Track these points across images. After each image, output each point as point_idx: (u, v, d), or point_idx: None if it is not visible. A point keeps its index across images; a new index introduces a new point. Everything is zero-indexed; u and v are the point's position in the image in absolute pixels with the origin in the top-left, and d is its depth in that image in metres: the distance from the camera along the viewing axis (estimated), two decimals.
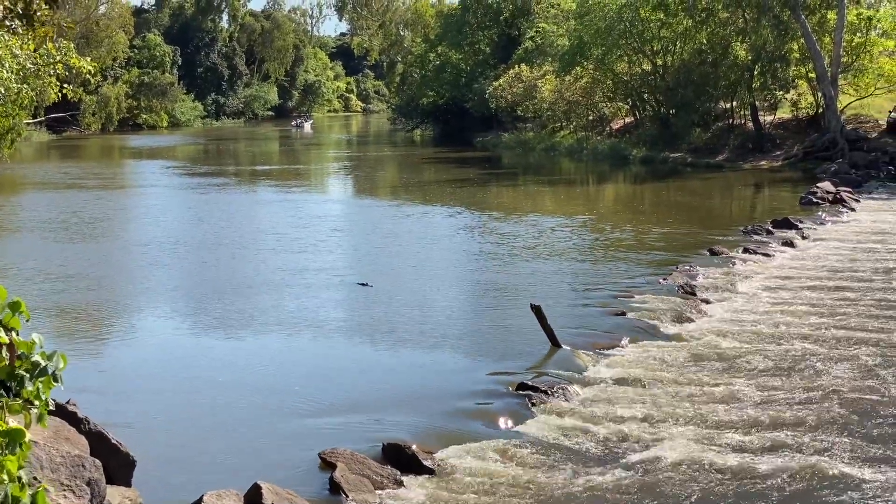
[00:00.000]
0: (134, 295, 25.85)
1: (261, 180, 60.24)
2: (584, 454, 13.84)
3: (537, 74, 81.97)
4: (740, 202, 50.08)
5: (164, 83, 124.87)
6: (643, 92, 72.58)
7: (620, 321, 21.28)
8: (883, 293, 24.29)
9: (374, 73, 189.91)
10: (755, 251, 29.97)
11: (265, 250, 31.84)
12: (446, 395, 16.62)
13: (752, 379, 17.20)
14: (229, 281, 27.06)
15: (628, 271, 27.66)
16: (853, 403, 15.86)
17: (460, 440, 14.16)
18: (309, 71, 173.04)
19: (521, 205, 45.85)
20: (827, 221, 37.12)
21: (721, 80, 65.98)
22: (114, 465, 11.91)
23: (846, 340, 19.68)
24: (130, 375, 18.24)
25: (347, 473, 12.58)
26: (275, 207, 44.37)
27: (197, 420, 15.36)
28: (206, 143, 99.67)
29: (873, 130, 64.81)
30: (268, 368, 18.55)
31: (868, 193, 46.44)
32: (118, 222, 41.15)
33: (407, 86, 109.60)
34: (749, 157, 62.34)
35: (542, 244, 32.62)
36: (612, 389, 16.67)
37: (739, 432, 14.47)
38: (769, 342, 19.66)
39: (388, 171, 69.88)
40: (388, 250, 32.32)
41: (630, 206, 46.08)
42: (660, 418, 15.09)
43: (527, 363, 18.29)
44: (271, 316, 22.45)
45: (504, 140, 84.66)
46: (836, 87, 60.64)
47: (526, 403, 15.84)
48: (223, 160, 79.39)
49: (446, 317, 22.48)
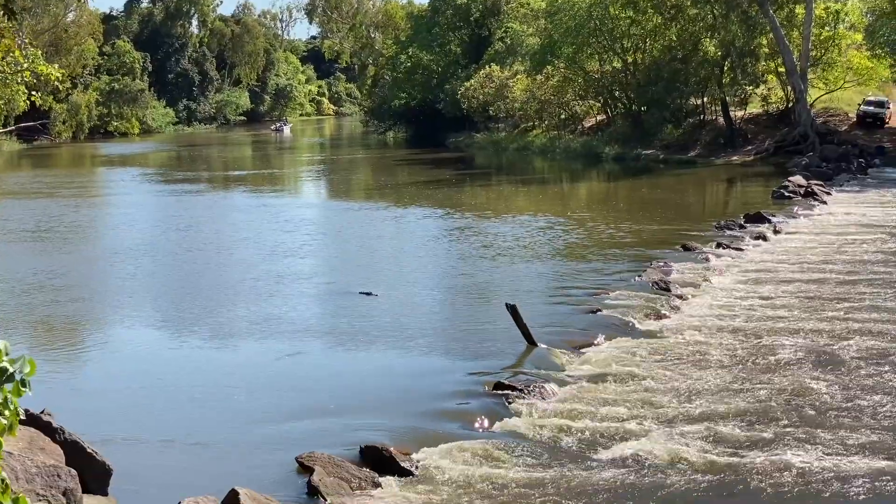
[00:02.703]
0: (109, 304, 25.72)
1: (236, 186, 60.05)
2: (561, 452, 13.87)
3: (508, 74, 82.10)
4: (713, 197, 50.35)
5: (134, 90, 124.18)
6: (614, 89, 72.80)
7: (595, 318, 21.33)
8: (855, 286, 24.44)
9: (346, 75, 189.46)
10: (728, 246, 30.12)
11: (240, 257, 31.77)
12: (423, 396, 16.63)
13: (727, 373, 17.28)
14: (204, 288, 26.98)
15: (602, 269, 27.74)
16: (829, 396, 15.96)
17: (438, 441, 14.17)
18: (280, 75, 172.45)
19: (496, 205, 45.91)
20: (799, 215, 37.32)
21: (691, 76, 66.26)
22: (90, 474, 11.87)
23: (820, 333, 19.80)
24: (105, 384, 18.17)
25: (325, 476, 12.56)
26: (251, 213, 44.22)
27: (173, 427, 15.30)
28: (179, 149, 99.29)
29: (843, 124, 65.30)
30: (243, 374, 18.49)
31: (839, 186, 46.74)
32: (92, 231, 40.94)
33: (379, 88, 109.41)
34: (721, 152, 62.65)
35: (516, 244, 32.66)
36: (588, 387, 16.71)
37: (716, 426, 14.53)
38: (743, 336, 19.75)
39: (362, 174, 69.82)
40: (363, 254, 32.29)
41: (603, 203, 46.21)
42: (636, 414, 15.14)
43: (503, 362, 18.31)
44: (246, 322, 22.39)
45: (477, 140, 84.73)
46: (805, 81, 61.00)
47: (503, 403, 15.86)
48: (197, 166, 79.09)
49: (422, 318, 22.48)
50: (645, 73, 68.76)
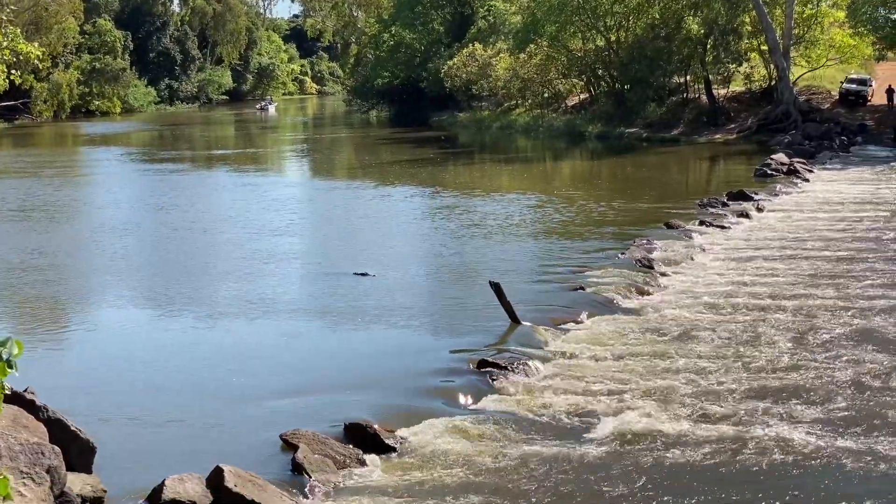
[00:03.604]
0: (94, 283, 25.66)
1: (220, 165, 59.84)
2: (545, 429, 13.91)
3: (491, 53, 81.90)
4: (696, 175, 50.45)
5: (116, 69, 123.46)
6: (597, 68, 72.69)
7: (579, 296, 21.37)
8: (837, 263, 24.55)
9: (329, 54, 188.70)
10: (711, 224, 30.21)
11: (227, 236, 31.72)
12: (407, 373, 16.65)
13: (710, 350, 17.36)
14: (191, 268, 26.94)
15: (586, 246, 27.79)
16: (811, 372, 16.04)
17: (422, 418, 14.20)
18: (263, 54, 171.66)
19: (479, 183, 45.90)
20: (781, 193, 37.42)
21: (674, 54, 66.23)
22: (74, 452, 11.86)
23: (803, 309, 19.90)
24: (89, 363, 18.15)
25: (309, 454, 12.59)
26: (236, 193, 44.11)
27: (157, 406, 15.28)
28: (162, 128, 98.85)
29: (826, 101, 65.38)
30: (227, 353, 18.49)
31: (822, 164, 46.86)
32: (76, 210, 40.75)
33: (361, 67, 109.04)
34: (704, 130, 62.71)
35: (500, 222, 32.67)
36: (571, 364, 16.77)
37: (699, 403, 14.60)
38: (726, 313, 19.83)
39: (346, 153, 69.67)
40: (348, 232, 32.28)
41: (587, 182, 46.23)
42: (620, 391, 15.20)
43: (487, 340, 18.34)
44: (231, 302, 22.36)
45: (460, 119, 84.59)
46: (788, 59, 61.04)
47: (486, 380, 15.90)
48: (180, 145, 78.77)
49: (406, 296, 22.47)
50: (628, 52, 68.65)
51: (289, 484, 12.06)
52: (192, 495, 11.31)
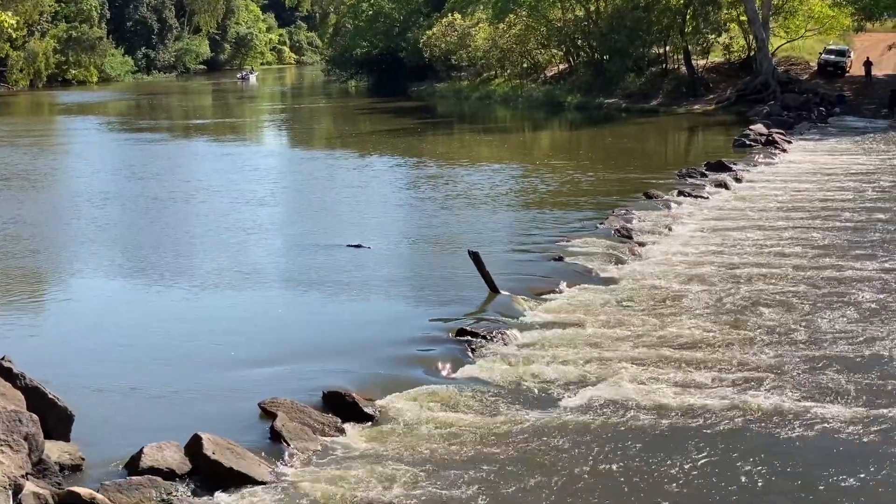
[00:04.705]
0: (73, 252, 25.52)
1: (199, 135, 59.50)
2: (523, 397, 13.95)
3: (470, 23, 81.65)
4: (675, 146, 50.52)
5: (92, 37, 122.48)
6: (577, 38, 72.55)
7: (558, 266, 21.40)
8: (815, 231, 24.68)
9: (307, 24, 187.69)
10: (690, 194, 30.27)
11: (205, 206, 31.58)
12: (386, 342, 16.65)
13: (688, 319, 17.42)
14: (169, 237, 26.85)
15: (565, 217, 27.82)
16: (788, 341, 16.14)
17: (401, 387, 14.21)
18: (240, 23, 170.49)
19: (458, 153, 45.84)
20: (760, 163, 37.52)
21: (654, 24, 66.17)
22: (52, 420, 11.84)
23: (780, 279, 19.99)
24: (68, 333, 18.10)
25: (288, 422, 12.58)
26: (216, 162, 43.93)
27: (135, 375, 15.23)
28: (139, 97, 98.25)
29: (804, 72, 65.49)
30: (206, 322, 18.49)
31: (800, 135, 46.99)
32: (54, 179, 40.45)
33: (340, 37, 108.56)
34: (683, 101, 62.76)
35: (479, 192, 32.65)
36: (550, 333, 16.79)
37: (677, 372, 14.67)
38: (704, 283, 19.90)
39: (324, 123, 69.42)
40: (327, 202, 32.20)
41: (566, 152, 46.23)
42: (598, 359, 15.24)
43: (466, 309, 18.36)
44: (210, 271, 22.30)
45: (439, 89, 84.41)
46: (767, 29, 61.07)
47: (465, 349, 15.92)
48: (158, 115, 78.27)
49: (386, 266, 22.45)
50: (607, 22, 68.54)
51: (267, 452, 12.05)
52: (171, 463, 11.31)
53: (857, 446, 12.12)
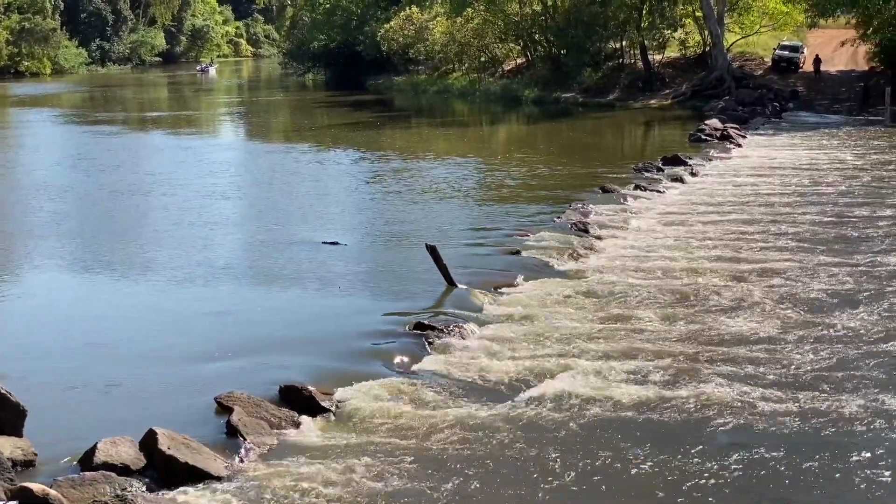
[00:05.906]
0: (27, 247, 25.19)
1: (156, 128, 59.06)
2: (480, 391, 13.98)
3: (428, 17, 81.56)
4: (631, 140, 50.74)
5: (45, 29, 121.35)
6: (534, 32, 72.64)
7: (515, 260, 21.45)
8: (769, 225, 24.90)
9: (264, 17, 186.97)
10: (646, 188, 30.44)
11: (163, 199, 31.36)
12: (343, 336, 16.62)
13: (645, 312, 17.50)
14: (124, 231, 26.65)
15: (522, 210, 27.87)
16: (745, 332, 16.27)
17: (358, 380, 14.18)
18: (196, 15, 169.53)
19: (416, 147, 45.79)
20: (715, 158, 37.80)
21: (611, 19, 66.36)
22: (3, 415, 11.73)
23: (735, 272, 20.14)
24: (21, 328, 17.89)
25: (244, 416, 12.54)
26: (174, 155, 43.55)
27: (90, 370, 15.12)
28: (93, 90, 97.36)
29: (759, 68, 66.05)
30: (163, 317, 18.34)
31: (754, 130, 47.37)
32: (6, 172, 40.00)
33: (297, 29, 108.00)
34: (639, 95, 63.06)
35: (436, 186, 32.65)
36: (507, 327, 16.83)
37: (637, 364, 14.73)
38: (661, 276, 20.01)
39: (282, 117, 69.14)
40: (283, 196, 32.07)
41: (524, 146, 46.28)
42: (555, 353, 15.29)
43: (423, 303, 18.36)
44: (165, 265, 22.15)
45: (397, 83, 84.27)
46: (722, 25, 61.52)
47: (422, 343, 15.92)
48: (113, 107, 77.60)
49: (344, 260, 22.39)
50: (564, 16, 68.68)
51: (223, 446, 12.01)
52: (125, 458, 11.23)
53: (800, 435, 12.25)
